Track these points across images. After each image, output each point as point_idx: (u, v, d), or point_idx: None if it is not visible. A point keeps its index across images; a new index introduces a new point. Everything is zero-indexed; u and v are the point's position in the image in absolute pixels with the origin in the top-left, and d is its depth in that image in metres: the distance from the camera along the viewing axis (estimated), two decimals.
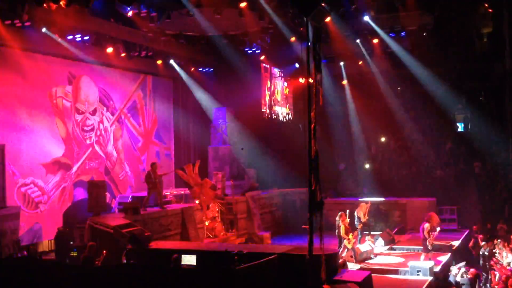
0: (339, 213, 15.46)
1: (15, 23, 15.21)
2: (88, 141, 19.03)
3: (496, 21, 21.27)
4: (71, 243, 14.94)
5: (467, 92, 24.08)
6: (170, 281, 9.45)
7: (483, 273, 15.08)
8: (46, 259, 14.79)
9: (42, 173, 17.10)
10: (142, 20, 17.94)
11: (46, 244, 16.79)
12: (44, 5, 14.98)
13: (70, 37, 17.22)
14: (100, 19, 17.74)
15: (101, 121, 19.66)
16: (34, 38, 16.42)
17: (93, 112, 19.30)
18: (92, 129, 19.24)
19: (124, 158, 20.62)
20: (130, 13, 17.41)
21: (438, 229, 15.46)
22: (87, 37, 17.65)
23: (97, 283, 9.65)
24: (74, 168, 18.35)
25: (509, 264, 15.02)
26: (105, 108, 19.87)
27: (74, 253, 13.83)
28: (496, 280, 14.06)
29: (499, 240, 16.25)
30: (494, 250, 15.95)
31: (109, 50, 18.57)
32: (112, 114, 20.20)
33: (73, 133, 18.44)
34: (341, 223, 15.30)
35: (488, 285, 15.25)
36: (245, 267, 9.53)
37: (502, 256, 15.38)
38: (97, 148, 19.41)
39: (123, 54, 19.21)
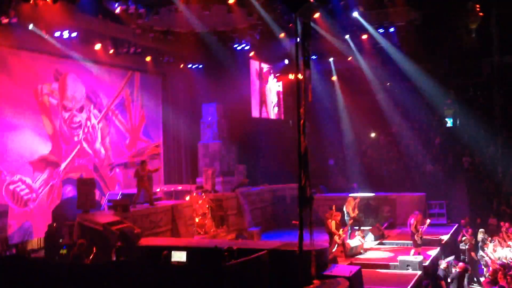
0: (329, 210, 15.52)
1: (1, 19, 15.01)
2: (76, 138, 18.91)
3: (483, 16, 21.40)
4: (61, 241, 14.84)
5: (455, 87, 24.24)
6: (160, 278, 9.42)
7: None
8: (35, 257, 14.68)
9: (29, 170, 16.97)
10: (130, 16, 17.81)
11: (35, 242, 16.68)
12: (31, 1, 14.84)
13: (58, 33, 17.05)
14: (88, 16, 17.60)
15: (89, 118, 19.53)
16: (21, 35, 16.26)
17: (80, 109, 19.16)
18: (80, 126, 19.11)
19: (112, 155, 20.52)
20: (118, 10, 17.28)
21: (428, 221, 15.55)
22: (74, 34, 17.49)
23: (87, 281, 9.60)
24: (63, 166, 18.23)
25: (498, 258, 15.16)
26: (92, 105, 19.74)
27: (63, 251, 13.73)
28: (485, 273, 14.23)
29: (491, 237, 16.44)
30: (480, 244, 16.14)
31: (97, 46, 18.44)
32: (100, 111, 20.08)
33: (61, 130, 18.31)
34: (332, 218, 15.34)
35: (475, 278, 15.41)
36: (235, 263, 9.52)
37: (489, 252, 15.53)
38: (85, 145, 19.29)
39: (111, 51, 19.09)
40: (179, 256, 10.81)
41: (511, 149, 22.74)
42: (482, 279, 15.00)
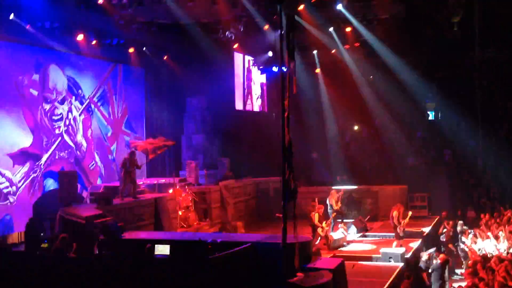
0: (312, 203, 15.60)
1: None
2: (57, 131, 18.68)
3: (466, 10, 21.53)
4: (42, 234, 14.68)
5: (437, 80, 24.42)
6: (143, 271, 9.39)
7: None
8: (17, 250, 14.51)
9: (9, 164, 16.70)
10: (113, 7, 17.59)
11: (16, 236, 16.48)
12: None
13: (39, 24, 16.78)
14: (70, 6, 17.31)
15: (70, 110, 19.29)
16: (1, 25, 15.95)
17: (62, 101, 18.91)
18: (61, 119, 18.88)
19: (94, 148, 20.33)
20: (101, 0, 17.07)
21: (410, 213, 15.70)
22: (56, 24, 17.23)
23: (70, 274, 9.53)
24: (44, 159, 18.00)
25: (479, 249, 15.37)
26: (74, 97, 19.49)
27: (45, 245, 13.59)
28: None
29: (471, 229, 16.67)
30: (459, 236, 16.35)
31: (79, 37, 18.19)
32: (81, 103, 19.85)
33: (41, 122, 18.06)
34: (315, 211, 15.41)
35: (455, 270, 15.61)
36: (219, 256, 9.53)
37: (468, 243, 15.75)
38: (66, 138, 19.06)
39: (93, 42, 18.85)
40: (162, 250, 10.78)
41: (492, 142, 23.05)
42: (462, 270, 15.21)
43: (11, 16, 15.76)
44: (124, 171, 15.90)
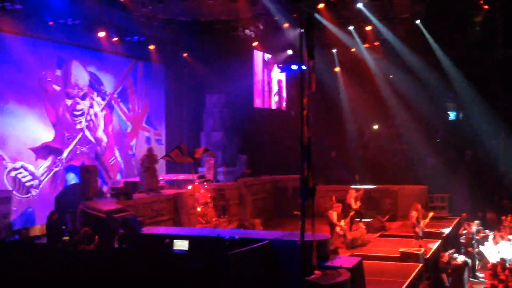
0: (330, 201, 15.57)
1: (5, 6, 14.99)
2: (78, 126, 18.93)
3: (488, 9, 21.28)
4: (63, 227, 14.91)
5: (459, 80, 24.15)
6: (162, 266, 9.48)
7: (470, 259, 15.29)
8: (39, 243, 14.75)
9: (32, 158, 16.99)
10: (134, 4, 17.76)
11: (38, 228, 16.75)
12: None
13: (62, 20, 17.00)
14: (91, 3, 17.48)
15: (91, 106, 19.53)
16: (24, 22, 16.21)
17: (83, 97, 19.16)
18: (82, 114, 19.12)
19: (114, 144, 20.54)
20: None
21: (431, 214, 15.57)
22: (78, 21, 17.44)
23: (90, 267, 9.67)
24: (65, 153, 18.26)
25: (498, 252, 15.22)
26: (95, 93, 19.73)
27: (66, 238, 13.80)
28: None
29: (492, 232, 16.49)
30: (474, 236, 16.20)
31: (101, 34, 18.39)
32: (103, 99, 20.07)
33: (63, 117, 18.31)
34: (333, 209, 15.39)
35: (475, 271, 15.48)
36: (237, 253, 9.57)
37: (488, 246, 15.60)
38: (87, 133, 19.30)
39: (115, 39, 19.04)
40: (181, 245, 10.86)
41: None
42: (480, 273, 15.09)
43: (35, 13, 15.99)
44: (144, 168, 16.09)
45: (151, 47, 21.09)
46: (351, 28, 21.47)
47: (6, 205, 14.37)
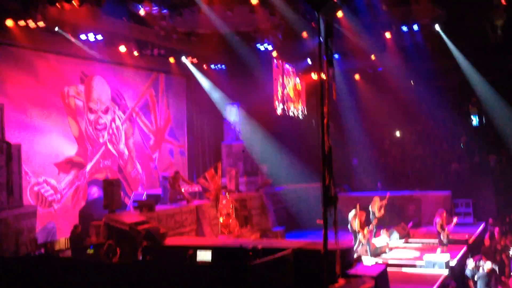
0: (353, 210, 15.44)
1: (28, 23, 15.31)
2: (101, 140, 19.16)
3: (510, 13, 21.05)
4: (87, 240, 15.07)
5: (481, 85, 23.88)
6: (185, 277, 9.52)
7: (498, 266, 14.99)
8: (64, 256, 14.92)
9: (54, 172, 17.21)
10: (154, 18, 18.00)
11: (62, 242, 16.94)
12: (57, 4, 15.08)
13: (83, 36, 17.30)
14: (112, 18, 17.81)
15: (113, 120, 19.77)
16: (47, 38, 16.52)
17: (105, 111, 19.41)
18: (105, 128, 19.36)
19: (135, 156, 20.74)
20: (142, 12, 17.48)
21: (455, 219, 15.35)
22: (100, 36, 17.74)
23: (115, 279, 9.75)
24: (88, 167, 18.48)
25: None
26: (117, 107, 19.97)
27: (90, 251, 13.95)
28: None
29: None
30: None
31: (122, 48, 18.66)
32: (124, 113, 20.30)
33: (86, 132, 18.56)
34: (356, 217, 15.28)
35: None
36: (261, 263, 9.57)
37: None
38: (110, 146, 19.53)
39: (135, 53, 19.30)
40: (204, 256, 10.92)
41: None
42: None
43: (56, 29, 16.30)
44: (170, 186, 16.30)
45: (172, 60, 21.30)
46: (369, 35, 21.39)
47: (32, 219, 14.55)
